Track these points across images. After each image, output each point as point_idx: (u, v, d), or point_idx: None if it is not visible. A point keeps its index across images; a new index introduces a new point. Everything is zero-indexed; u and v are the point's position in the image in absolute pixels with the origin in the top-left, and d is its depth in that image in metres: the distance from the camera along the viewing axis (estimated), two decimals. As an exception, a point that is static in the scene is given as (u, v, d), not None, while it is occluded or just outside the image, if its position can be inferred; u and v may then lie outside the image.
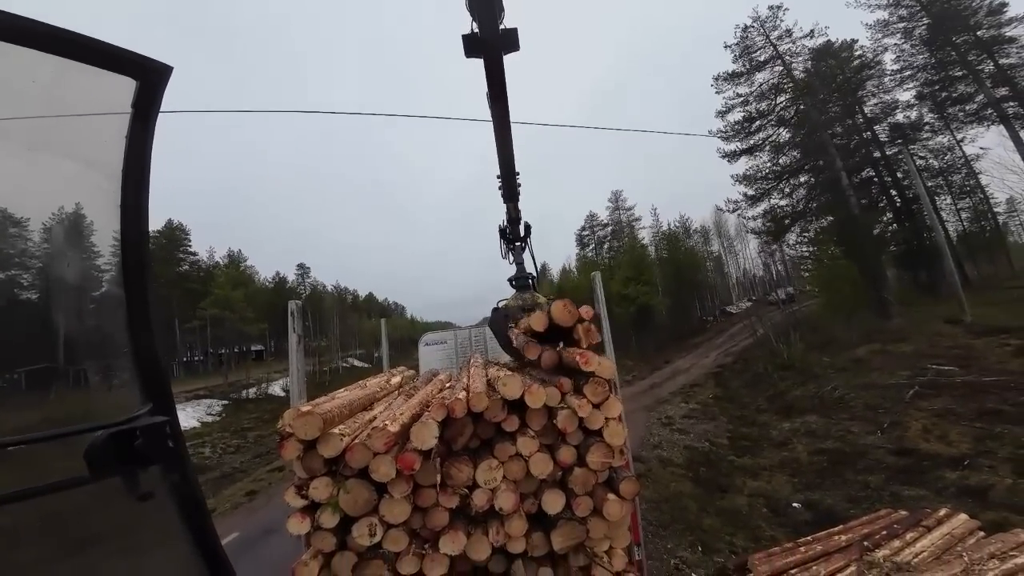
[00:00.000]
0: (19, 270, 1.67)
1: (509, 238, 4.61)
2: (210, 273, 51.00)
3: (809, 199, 28.65)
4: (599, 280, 3.52)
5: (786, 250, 35.58)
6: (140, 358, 1.22)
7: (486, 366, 3.40)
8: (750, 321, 30.43)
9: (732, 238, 62.93)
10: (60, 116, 1.19)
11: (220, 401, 36.12)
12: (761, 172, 29.73)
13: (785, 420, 13.77)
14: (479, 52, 2.10)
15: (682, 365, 29.21)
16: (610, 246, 54.28)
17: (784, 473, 9.94)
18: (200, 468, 21.01)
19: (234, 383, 40.92)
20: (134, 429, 1.09)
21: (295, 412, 1.90)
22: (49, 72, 1.06)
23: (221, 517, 13.86)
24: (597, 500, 2.11)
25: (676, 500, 9.33)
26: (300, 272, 70.83)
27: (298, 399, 3.06)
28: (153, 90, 1.21)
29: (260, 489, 16.83)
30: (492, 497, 2.02)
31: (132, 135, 1.22)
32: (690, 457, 12.46)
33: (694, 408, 18.42)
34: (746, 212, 31.22)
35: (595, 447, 2.10)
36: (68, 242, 1.69)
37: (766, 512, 8.23)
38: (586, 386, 2.13)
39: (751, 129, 29.85)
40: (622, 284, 37.67)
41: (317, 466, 1.90)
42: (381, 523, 1.90)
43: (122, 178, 1.24)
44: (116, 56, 1.14)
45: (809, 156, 27.72)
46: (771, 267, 61.20)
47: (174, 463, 1.18)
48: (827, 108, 27.32)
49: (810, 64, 28.17)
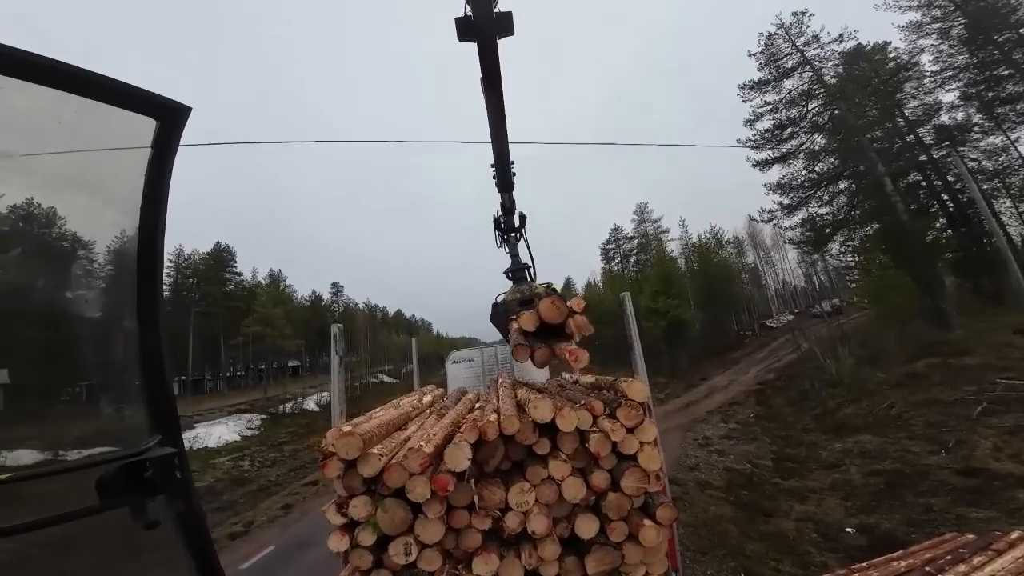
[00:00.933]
0: (39, 302, 1.69)
1: (504, 229, 4.53)
2: (253, 292, 53.70)
3: (851, 206, 27.29)
4: (629, 300, 3.47)
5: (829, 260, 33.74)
6: (151, 391, 1.25)
7: (514, 387, 3.42)
8: (793, 335, 28.93)
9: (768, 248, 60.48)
10: (82, 153, 1.23)
11: (259, 416, 37.53)
12: (796, 180, 28.64)
13: (835, 440, 12.95)
14: (472, 36, 2.04)
15: (719, 382, 28.05)
16: (637, 259, 53.35)
17: (835, 496, 9.38)
18: (240, 481, 21.84)
19: (272, 398, 42.47)
20: (144, 460, 1.12)
21: (337, 432, 1.98)
22: (73, 111, 1.09)
23: (258, 530, 14.31)
24: (632, 525, 2.07)
25: (715, 524, 8.92)
26: (334, 291, 73.46)
27: (339, 418, 3.17)
28: (172, 129, 1.26)
29: (295, 503, 17.27)
30: (525, 520, 2.02)
31: (151, 173, 1.26)
32: (730, 479, 11.89)
33: (734, 428, 17.59)
34: (783, 222, 30.02)
35: (629, 472, 2.07)
36: (85, 276, 1.75)
37: (816, 537, 7.84)
38: (619, 409, 2.12)
39: (783, 137, 28.99)
40: (651, 298, 36.78)
41: (356, 485, 1.97)
42: (416, 543, 1.94)
43: (140, 214, 1.27)
44: (137, 97, 1.18)
45: (848, 162, 26.51)
46: (813, 278, 58.22)
47: (181, 493, 1.21)
48: (864, 112, 26.18)
49: (841, 68, 27.26)
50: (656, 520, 2.04)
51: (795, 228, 29.69)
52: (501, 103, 2.59)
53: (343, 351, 3.52)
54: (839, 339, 23.90)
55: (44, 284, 1.72)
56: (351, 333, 64.01)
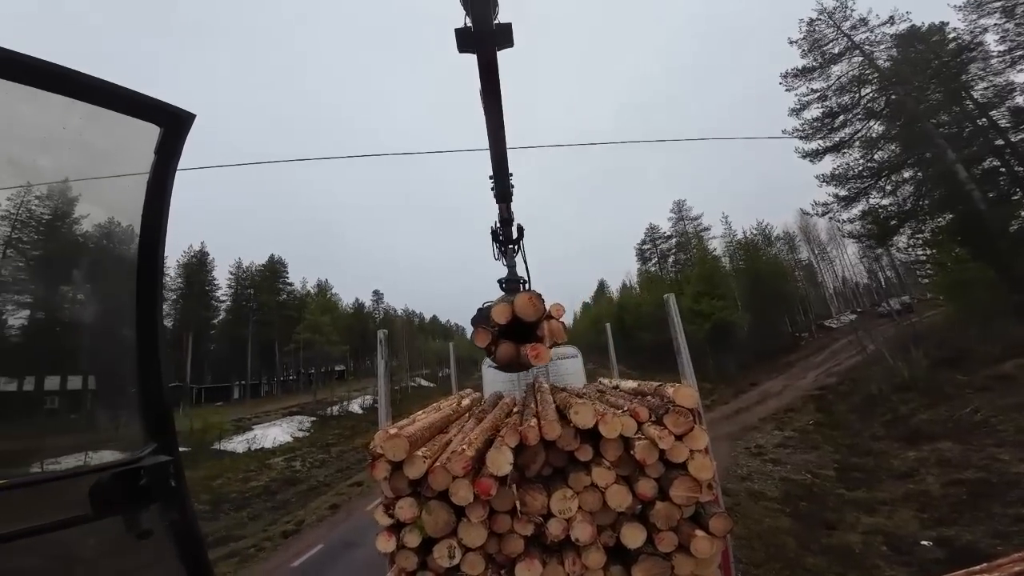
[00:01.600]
0: (37, 308, 1.68)
1: (501, 240, 4.46)
2: (303, 301, 56.80)
3: (919, 196, 25.01)
4: (673, 302, 3.31)
5: (896, 254, 31.00)
6: (147, 400, 1.24)
7: (553, 391, 3.37)
8: (856, 336, 26.72)
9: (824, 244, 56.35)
10: (86, 158, 1.24)
11: (309, 418, 39.51)
12: (853, 170, 26.67)
13: (909, 448, 11.94)
14: (472, 47, 2.02)
15: (772, 387, 26.46)
16: (676, 259, 51.46)
17: (910, 507, 8.70)
18: (292, 481, 23.05)
19: (321, 401, 44.58)
20: (139, 468, 1.11)
21: (384, 434, 2.03)
22: (78, 118, 1.09)
23: (309, 528, 15.02)
24: (683, 536, 1.97)
25: (771, 537, 8.46)
26: (375, 298, 76.35)
27: (385, 421, 3.25)
28: (176, 136, 1.25)
29: (341, 503, 17.99)
30: (568, 527, 1.98)
31: (153, 179, 1.25)
32: (787, 490, 11.20)
33: (790, 436, 16.53)
34: (839, 215, 28.00)
35: (679, 480, 1.98)
36: (85, 282, 1.74)
37: (885, 550, 7.37)
38: (667, 416, 2.03)
39: (834, 125, 27.18)
40: (693, 299, 35.35)
41: (402, 486, 2.01)
42: (459, 546, 1.94)
43: (142, 220, 1.26)
44: (142, 103, 1.18)
45: (912, 149, 24.37)
46: (878, 274, 53.62)
47: (175, 502, 1.19)
48: (926, 96, 24.03)
49: (895, 52, 25.27)
50: (709, 531, 1.94)
51: (854, 221, 27.56)
52: (500, 114, 2.57)
53: (388, 356, 3.62)
54: (911, 339, 21.86)
55: (44, 289, 1.70)
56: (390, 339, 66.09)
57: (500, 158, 3.21)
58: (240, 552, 13.19)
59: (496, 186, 3.77)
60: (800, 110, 28.18)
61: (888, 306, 39.92)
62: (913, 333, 23.84)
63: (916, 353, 19.23)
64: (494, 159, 3.22)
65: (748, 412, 21.67)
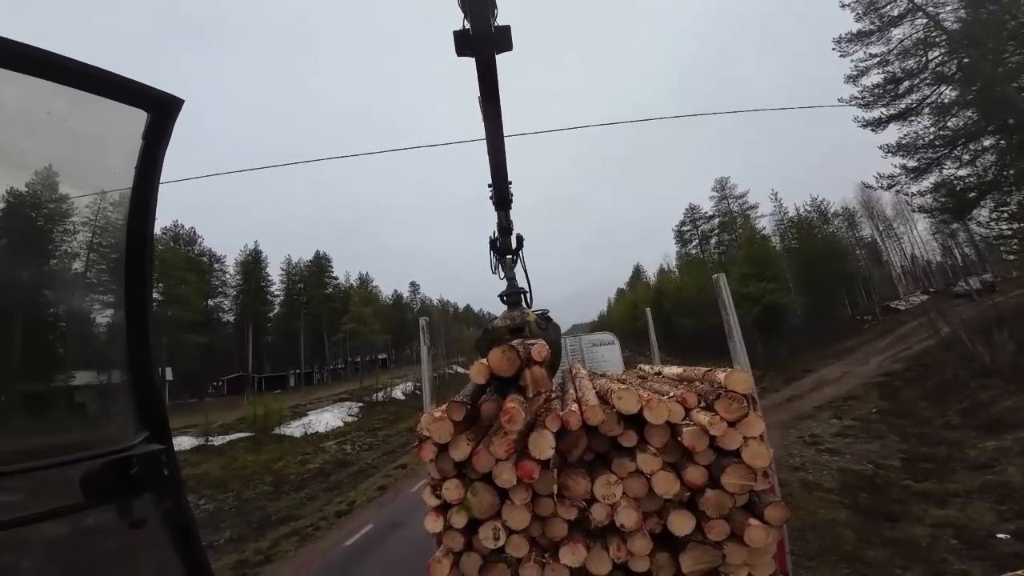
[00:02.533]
0: (25, 296, 1.64)
1: (500, 250, 4.29)
2: (347, 294, 59.43)
3: (1001, 166, 22.29)
4: (724, 283, 3.13)
5: (975, 229, 27.90)
6: (138, 388, 1.22)
7: (591, 377, 3.32)
8: (928, 318, 24.41)
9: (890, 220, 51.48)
10: (72, 144, 1.23)
11: (357, 403, 41.61)
12: (923, 139, 24.14)
13: (989, 437, 11.02)
14: (470, 51, 1.99)
15: (829, 374, 24.87)
16: (719, 240, 48.98)
17: (987, 500, 8.11)
18: (344, 463, 24.48)
19: (367, 388, 46.79)
20: (131, 457, 1.09)
21: (430, 417, 2.08)
22: (63, 103, 1.06)
23: (359, 509, 15.95)
24: (735, 525, 1.90)
25: (827, 529, 8.11)
26: (412, 289, 78.62)
27: (429, 404, 3.33)
28: (164, 122, 1.23)
29: (388, 484, 18.91)
30: (612, 512, 1.95)
31: (141, 166, 1.23)
32: (845, 481, 10.63)
33: (850, 425, 15.55)
34: (908, 187, 25.54)
35: (731, 468, 1.90)
36: (73, 270, 1.71)
37: (955, 544, 6.94)
38: (718, 402, 1.94)
39: (898, 92, 24.64)
40: (740, 282, 33.58)
41: (448, 468, 2.06)
42: (504, 528, 1.97)
43: (129, 207, 1.23)
44: (128, 88, 1.15)
45: (992, 115, 21.68)
46: (954, 251, 48.53)
47: (168, 491, 1.17)
48: (1003, 59, 21.23)
49: (964, 13, 22.38)
50: (764, 520, 1.85)
51: (925, 194, 25.05)
52: (499, 118, 2.51)
53: (429, 342, 3.70)
54: (994, 321, 19.71)
55: (30, 278, 1.68)
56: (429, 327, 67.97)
57: (499, 164, 3.11)
58: (300, 531, 14.23)
59: (494, 192, 3.65)
60: (858, 76, 25.86)
61: (966, 285, 36.14)
62: (996, 314, 21.48)
63: (1000, 336, 17.34)
64: (493, 165, 3.12)
65: (801, 400, 20.53)
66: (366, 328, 50.59)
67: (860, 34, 25.58)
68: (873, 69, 25.37)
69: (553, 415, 2.08)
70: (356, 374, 53.72)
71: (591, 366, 5.99)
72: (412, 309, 73.34)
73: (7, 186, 1.30)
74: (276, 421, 31.60)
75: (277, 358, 55.17)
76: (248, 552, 13.21)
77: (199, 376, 43.82)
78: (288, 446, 28.50)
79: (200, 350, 41.23)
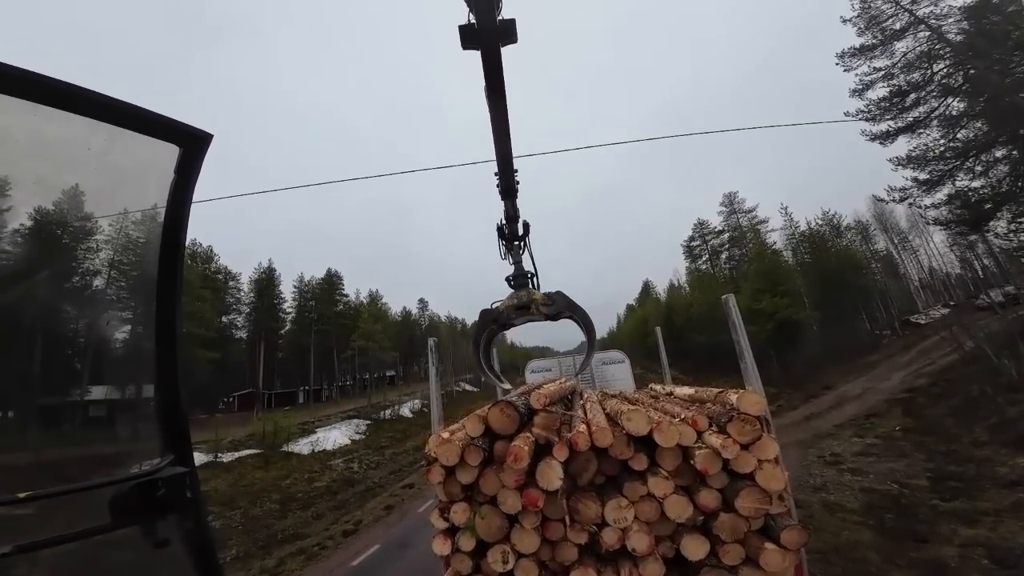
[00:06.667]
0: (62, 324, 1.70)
1: (507, 237, 4.43)
2: (357, 311, 59.84)
3: (1016, 176, 21.98)
4: (734, 303, 3.10)
5: (994, 240, 27.33)
6: (165, 412, 1.27)
7: (601, 397, 3.28)
8: (951, 332, 23.71)
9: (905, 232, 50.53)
10: (110, 177, 1.30)
11: (364, 421, 41.40)
12: (933, 151, 23.95)
13: (1019, 454, 10.69)
14: (475, 44, 2.00)
15: (850, 391, 24.14)
16: (729, 255, 48.49)
17: (1019, 518, 7.84)
18: (351, 482, 24.22)
19: (375, 404, 46.59)
20: (157, 480, 1.14)
21: (437, 439, 2.07)
22: (103, 139, 1.13)
23: (366, 528, 15.70)
24: (751, 549, 1.84)
25: (850, 551, 7.82)
26: (420, 306, 78.77)
27: (437, 425, 3.31)
28: (194, 156, 1.28)
29: (395, 504, 18.62)
30: (623, 536, 1.90)
31: (173, 198, 1.29)
32: (869, 501, 10.23)
33: (872, 443, 15.01)
34: (921, 200, 25.23)
35: (746, 491, 1.85)
36: (106, 297, 1.77)
37: (987, 564, 6.65)
38: (730, 424, 1.91)
39: (905, 104, 24.62)
40: (752, 297, 33.12)
41: (456, 491, 2.04)
42: (513, 551, 1.93)
43: (161, 237, 1.30)
44: (162, 124, 1.21)
45: (1002, 126, 21.49)
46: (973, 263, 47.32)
47: (191, 512, 1.22)
48: (1010, 69, 21.21)
49: (967, 24, 22.49)
50: (780, 544, 1.79)
51: (940, 206, 24.70)
52: (504, 110, 2.56)
53: (437, 362, 3.71)
54: (1019, 334, 19.09)
55: (67, 305, 1.75)
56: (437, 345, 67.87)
57: (505, 155, 3.23)
58: (306, 550, 14.03)
59: (501, 182, 3.78)
60: (863, 90, 25.90)
61: (989, 298, 35.17)
62: (1021, 327, 20.80)
63: (1026, 350, 16.75)
64: (499, 154, 3.24)
65: (821, 418, 19.91)
66: (375, 345, 50.75)
67: (863, 48, 25.79)
68: (878, 83, 25.49)
69: (561, 442, 2.05)
70: (364, 391, 53.61)
71: (601, 385, 5.92)
72: (420, 326, 73.42)
73: (49, 214, 1.39)
74: (285, 438, 31.58)
75: (287, 374, 55.44)
76: (255, 571, 13.06)
77: (211, 392, 44.18)
78: (296, 463, 28.36)
79: (212, 366, 41.64)
